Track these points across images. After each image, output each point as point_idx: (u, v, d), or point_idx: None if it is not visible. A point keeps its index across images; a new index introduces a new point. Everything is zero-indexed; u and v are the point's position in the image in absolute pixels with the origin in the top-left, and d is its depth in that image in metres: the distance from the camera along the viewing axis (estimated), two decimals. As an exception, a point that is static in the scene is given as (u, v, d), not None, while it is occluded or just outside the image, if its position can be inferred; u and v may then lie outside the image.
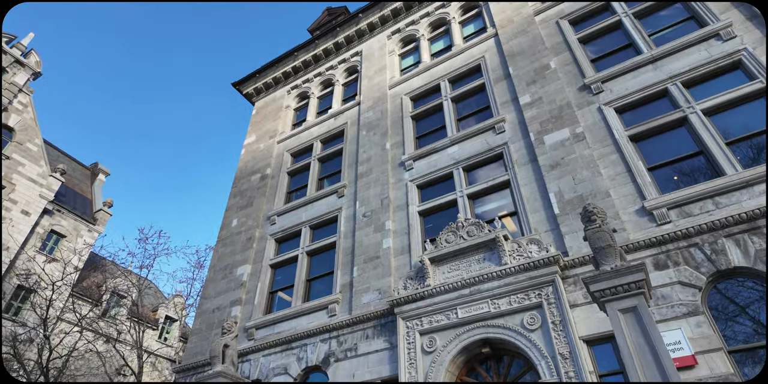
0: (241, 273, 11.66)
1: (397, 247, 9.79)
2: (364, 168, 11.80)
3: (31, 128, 23.30)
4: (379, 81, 13.99)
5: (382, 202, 10.74)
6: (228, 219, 13.56)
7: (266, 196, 13.37)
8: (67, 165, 26.75)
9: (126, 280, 22.33)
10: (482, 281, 7.92)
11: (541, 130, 9.59)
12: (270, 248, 11.91)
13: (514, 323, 7.30)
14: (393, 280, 9.28)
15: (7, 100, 22.24)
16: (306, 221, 11.73)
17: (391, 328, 8.51)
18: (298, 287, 10.53)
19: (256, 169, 14.55)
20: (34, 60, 24.54)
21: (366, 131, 12.71)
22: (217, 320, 10.94)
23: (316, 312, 9.75)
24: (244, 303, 11.02)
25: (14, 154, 21.83)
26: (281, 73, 17.04)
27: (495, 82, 11.36)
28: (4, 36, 23.16)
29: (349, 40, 16.20)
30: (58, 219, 23.01)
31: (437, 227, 9.76)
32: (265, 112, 16.64)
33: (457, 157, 10.47)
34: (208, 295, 11.77)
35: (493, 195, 9.66)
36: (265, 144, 15.22)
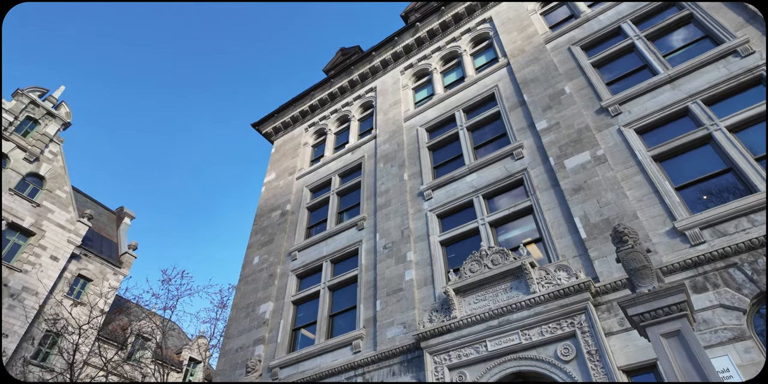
0: (263, 311, 11.79)
1: (420, 279, 9.81)
2: (382, 200, 12.07)
3: (60, 176, 24.84)
4: (394, 114, 14.58)
5: (402, 233, 10.89)
6: (250, 256, 13.89)
7: (287, 232, 13.72)
8: (93, 210, 28.12)
9: (150, 322, 22.84)
10: (511, 311, 7.82)
11: (561, 154, 9.74)
12: (292, 284, 12.07)
13: (547, 355, 7.12)
14: (417, 312, 9.23)
15: (38, 150, 23.93)
16: (327, 255, 11.92)
17: (418, 363, 8.38)
18: (320, 323, 10.55)
19: (276, 205, 15.03)
20: (65, 111, 26.56)
21: (383, 163, 13.11)
22: (241, 360, 10.96)
23: (340, 349, 9.70)
24: (268, 341, 11.06)
25: (44, 201, 23.19)
26: (298, 112, 17.95)
27: (510, 109, 11.71)
28: (36, 90, 25.30)
29: (363, 77, 17.08)
30: (85, 263, 23.90)
31: (460, 257, 9.79)
32: (283, 150, 17.39)
33: (476, 185, 10.65)
34: (231, 335, 11.87)
35: (516, 222, 9.70)
36: (284, 181, 15.81)
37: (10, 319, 19.51)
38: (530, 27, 13.18)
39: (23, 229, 21.72)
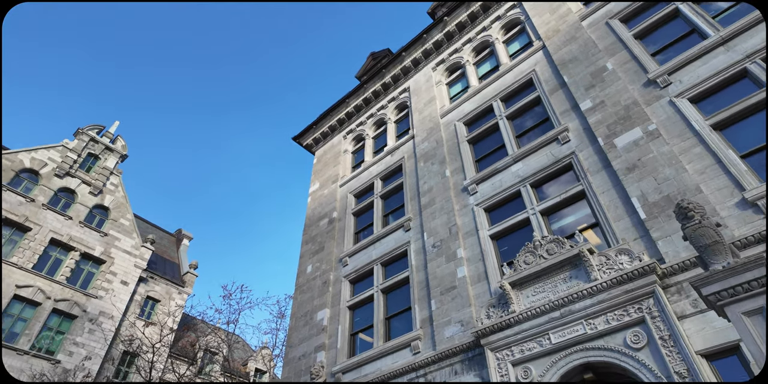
0: (321, 318, 12.24)
1: (473, 275, 9.83)
2: (426, 199, 12.22)
3: (122, 205, 27.08)
4: (429, 112, 14.74)
5: (450, 230, 10.97)
6: (303, 266, 14.48)
7: (335, 239, 14.19)
8: (154, 234, 30.36)
9: (216, 337, 24.36)
10: (572, 301, 7.69)
11: (610, 133, 9.48)
12: (345, 290, 12.46)
13: (615, 343, 6.92)
14: (474, 309, 9.26)
15: (101, 183, 26.24)
16: (376, 259, 12.21)
17: (480, 361, 8.40)
18: (377, 327, 10.81)
19: (323, 214, 15.59)
20: (121, 144, 28.98)
21: (423, 162, 13.28)
22: (304, 367, 11.44)
23: (400, 350, 9.90)
24: (328, 348, 11.47)
25: (111, 230, 25.36)
26: (336, 121, 18.56)
27: (550, 93, 11.53)
28: (95, 127, 27.80)
29: (395, 78, 17.41)
30: (152, 285, 25.92)
31: (513, 249, 9.73)
32: (325, 160, 18.02)
33: (523, 174, 10.56)
34: (293, 344, 12.42)
35: (569, 208, 9.52)
36: (328, 189, 16.37)
37: (91, 342, 21.48)
38: (562, 6, 12.94)
39: (95, 258, 23.85)
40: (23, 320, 20.26)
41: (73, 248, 23.17)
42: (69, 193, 24.79)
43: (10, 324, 19.80)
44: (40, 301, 20.85)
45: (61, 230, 23.07)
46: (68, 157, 25.19)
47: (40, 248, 21.87)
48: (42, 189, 23.46)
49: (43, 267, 21.85)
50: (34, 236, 21.98)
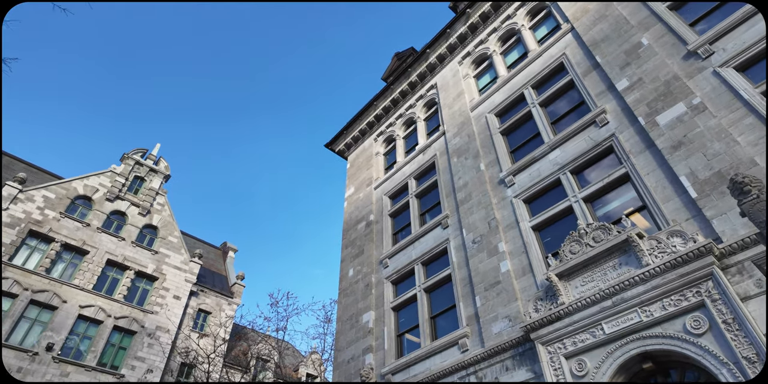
0: (366, 320, 12.47)
1: (517, 269, 9.74)
2: (462, 194, 12.23)
3: (169, 223, 28.62)
4: (459, 106, 14.75)
5: (489, 224, 10.93)
6: (344, 270, 14.80)
7: (374, 242, 14.42)
8: (201, 249, 31.85)
9: (267, 345, 25.44)
10: (624, 288, 7.49)
11: (651, 111, 9.19)
12: (388, 291, 12.64)
13: (674, 330, 6.68)
14: (521, 304, 9.17)
15: (148, 204, 27.87)
16: (417, 258, 12.32)
17: (531, 356, 8.31)
18: (423, 326, 10.89)
19: (360, 218, 15.89)
20: (164, 165, 30.69)
21: (456, 158, 13.30)
22: (354, 370, 11.68)
23: (448, 349, 9.93)
24: (376, 350, 11.66)
25: (161, 248, 26.87)
26: (365, 124, 18.90)
27: (583, 75, 11.30)
28: (138, 151, 29.60)
29: (421, 76, 17.55)
30: (203, 298, 27.28)
31: (557, 240, 9.57)
32: (358, 164, 18.37)
33: (561, 162, 10.39)
34: (341, 347, 12.71)
35: (613, 193, 9.27)
36: (363, 193, 16.68)
37: (151, 355, 22.81)
38: (588, -16, 12.65)
39: (148, 276, 25.34)
40: (88, 338, 21.79)
41: (128, 267, 24.70)
42: (120, 215, 26.50)
43: (77, 342, 21.34)
44: (102, 320, 22.34)
45: (115, 251, 24.68)
46: (117, 181, 26.97)
47: (98, 269, 23.48)
48: (95, 213, 25.21)
49: (102, 287, 23.42)
50: (92, 258, 23.63)
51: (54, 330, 20.73)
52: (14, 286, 20.53)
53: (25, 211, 22.52)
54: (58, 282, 21.78)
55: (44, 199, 23.53)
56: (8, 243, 21.23)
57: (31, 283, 21.00)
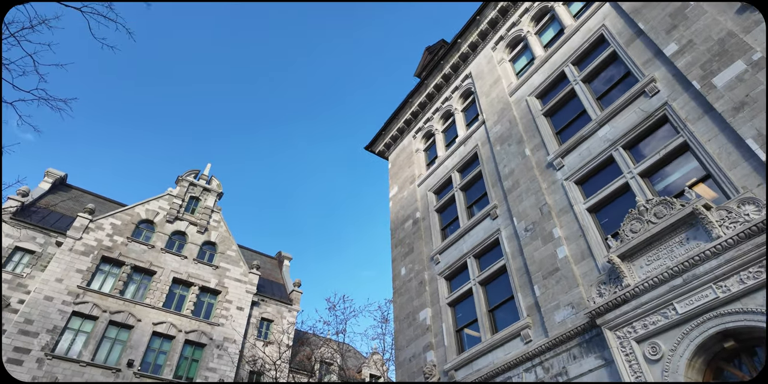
0: (423, 318, 12.53)
1: (575, 254, 9.46)
2: (509, 182, 12.03)
3: (227, 239, 30.14)
4: (497, 93, 14.55)
5: (541, 210, 10.68)
6: (396, 269, 14.95)
7: (423, 239, 14.47)
8: (258, 260, 33.29)
9: (328, 348, 26.35)
10: (695, 264, 7.10)
11: (705, 73, 8.67)
12: (442, 287, 12.63)
13: (756, 304, 6.24)
14: (583, 289, 8.89)
15: (205, 221, 29.51)
16: (468, 252, 12.24)
17: (599, 342, 8.03)
18: (482, 320, 10.80)
19: (406, 216, 16.01)
20: (216, 183, 32.39)
21: (499, 145, 13.11)
22: (416, 368, 11.76)
23: (510, 341, 9.79)
24: (436, 346, 11.69)
25: (221, 262, 28.35)
26: (403, 122, 19.04)
27: (626, 45, 10.85)
28: (191, 173, 31.42)
29: (455, 67, 17.47)
30: (264, 307, 28.56)
31: (615, 220, 9.22)
32: (399, 163, 18.53)
33: (612, 137, 10.01)
34: (401, 346, 12.84)
35: (672, 165, 8.82)
36: (407, 191, 16.79)
37: (222, 366, 24.09)
38: (621, -52, 12.12)
39: (211, 290, 26.81)
40: (163, 353, 23.34)
41: (192, 284, 26.27)
42: (181, 235, 28.27)
43: (154, 357, 22.93)
44: (174, 335, 23.87)
45: (180, 269, 26.33)
46: (174, 203, 28.82)
47: (165, 288, 25.15)
48: (158, 235, 27.06)
49: (171, 304, 25.05)
50: (160, 278, 25.35)
51: (132, 347, 22.39)
52: (94, 309, 22.42)
53: (97, 239, 24.56)
54: (131, 302, 23.54)
55: (112, 226, 25.57)
56: (84, 270, 23.25)
57: (108, 306, 22.84)
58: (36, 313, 20.91)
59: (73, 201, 28.11)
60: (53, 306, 21.45)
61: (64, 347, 20.98)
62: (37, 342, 20.27)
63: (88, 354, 21.14)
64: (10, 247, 22.33)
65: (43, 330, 20.67)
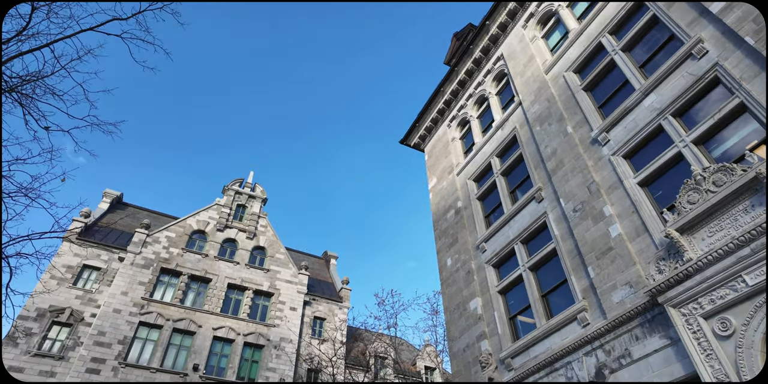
0: (474, 307, 12.43)
1: (629, 231, 9.08)
2: (553, 163, 11.71)
3: (275, 242, 31.13)
4: (532, 72, 14.18)
5: (589, 189, 10.33)
6: (442, 261, 14.90)
7: (467, 228, 14.33)
8: (306, 261, 34.15)
9: (381, 343, 26.88)
10: (764, 232, 6.65)
11: (758, 27, 8.08)
12: (491, 275, 12.47)
13: (837, 269, 5.76)
14: (641, 267, 8.52)
15: (253, 227, 30.60)
16: (515, 238, 12.02)
17: (662, 321, 7.68)
18: (535, 306, 10.58)
19: (447, 206, 15.90)
20: (260, 190, 33.52)
21: (539, 126, 12.77)
22: (471, 358, 11.69)
23: (566, 326, 9.54)
24: (490, 335, 11.56)
25: (271, 266, 29.32)
26: (436, 112, 18.91)
27: (667, 7, 10.29)
28: (236, 182, 32.61)
29: (485, 50, 17.16)
30: (315, 306, 29.38)
31: (670, 192, 8.78)
32: (435, 154, 18.43)
33: (659, 106, 9.54)
34: (453, 337, 12.79)
35: (728, 129, 8.30)
36: (446, 181, 16.67)
37: (280, 365, 24.96)
38: None
39: (264, 293, 27.80)
40: (225, 356, 24.45)
41: (246, 288, 27.32)
42: (231, 242, 29.49)
43: (217, 360, 24.08)
44: (233, 338, 24.94)
45: (233, 275, 27.46)
46: (223, 212, 30.10)
47: (222, 294, 26.33)
48: (211, 244, 28.34)
49: (228, 309, 26.20)
50: (215, 284, 26.57)
51: (196, 352, 23.60)
52: (158, 318, 23.81)
53: (155, 252, 26.07)
54: (191, 310, 24.80)
55: (167, 238, 27.03)
56: (146, 282, 24.77)
57: (170, 314, 24.18)
58: (107, 325, 22.46)
59: (131, 218, 29.96)
60: (122, 318, 22.96)
61: (135, 355, 22.43)
62: (111, 352, 21.77)
63: (156, 361, 22.48)
64: (78, 266, 24.16)
65: (115, 340, 22.18)
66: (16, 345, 20.67)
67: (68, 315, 22.40)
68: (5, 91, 8.79)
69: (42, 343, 21.36)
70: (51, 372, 20.75)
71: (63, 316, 22.31)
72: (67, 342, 21.83)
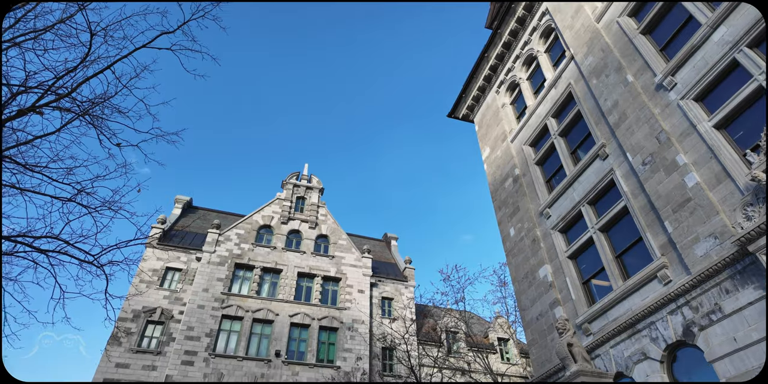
0: (543, 275, 12.12)
1: (708, 178, 8.40)
2: (615, 116, 11.02)
3: (336, 230, 32.05)
4: (582, 22, 13.32)
5: (658, 139, 9.64)
6: (504, 231, 14.60)
7: (528, 195, 13.90)
8: (367, 244, 34.87)
9: (451, 318, 27.19)
10: None
11: None
12: (558, 241, 12.07)
13: None
14: (725, 216, 7.88)
15: (314, 217, 31.67)
16: (581, 200, 11.51)
17: (755, 271, 7.10)
18: (609, 268, 10.14)
19: (505, 175, 15.49)
20: (316, 180, 34.55)
21: (596, 79, 12.03)
22: (546, 326, 11.47)
23: (646, 285, 9.08)
24: (563, 301, 11.26)
25: (335, 252, 30.29)
26: (483, 80, 18.33)
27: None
28: (292, 175, 33.72)
29: (528, 7, 16.32)
30: (382, 287, 30.12)
31: (752, 132, 8.02)
32: (486, 123, 17.93)
33: (731, 39, 8.66)
34: (525, 306, 12.59)
35: (819, 51, 7.35)
36: (501, 150, 16.20)
37: (356, 345, 25.95)
38: None
39: (332, 278, 28.84)
40: (303, 341, 25.74)
41: (315, 275, 28.50)
42: (296, 233, 30.77)
43: (296, 345, 25.43)
44: (309, 323, 26.16)
45: (301, 264, 28.72)
46: (284, 205, 31.42)
47: (293, 282, 27.65)
48: (277, 237, 29.73)
49: (300, 296, 27.49)
50: (286, 274, 27.93)
51: (276, 339, 25.02)
52: (238, 310, 25.47)
53: (228, 250, 27.80)
54: (267, 300, 26.27)
55: (237, 235, 28.70)
56: (224, 277, 26.54)
57: (249, 306, 25.77)
58: (194, 320, 24.36)
59: (202, 220, 32.07)
60: (206, 312, 24.80)
61: (222, 346, 24.19)
62: (201, 344, 23.63)
63: (242, 349, 24.12)
64: (162, 268, 26.39)
65: (203, 334, 24.03)
66: (120, 344, 22.95)
67: (159, 314, 24.54)
68: (80, 115, 9.50)
69: (141, 341, 23.59)
70: (152, 366, 22.88)
71: (155, 315, 24.47)
72: (162, 338, 23.95)
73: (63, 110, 9.41)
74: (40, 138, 9.38)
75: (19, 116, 8.91)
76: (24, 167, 9.30)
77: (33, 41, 9.22)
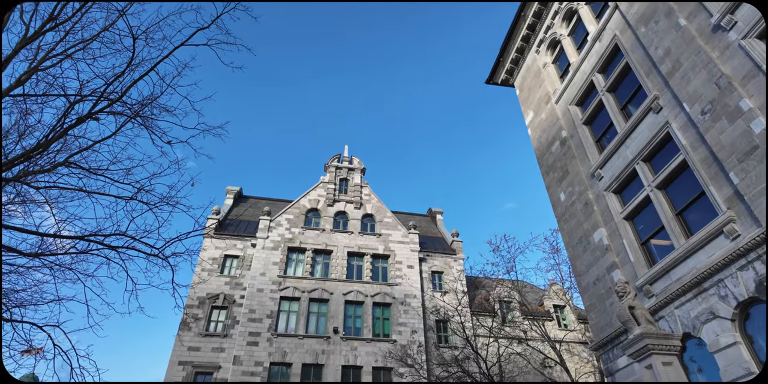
0: (598, 238, 11.73)
1: (779, 121, 7.72)
2: (668, 65, 10.27)
3: (381, 208, 32.34)
4: (624, -33, 12.36)
5: (718, 85, 8.93)
6: (554, 196, 14.17)
7: (577, 158, 13.36)
8: (413, 220, 35.01)
9: (503, 287, 27.25)
10: None
11: None
12: (613, 202, 11.59)
13: None
14: (800, 162, 7.25)
15: (358, 197, 32.07)
16: (635, 157, 10.93)
17: (838, 218, 6.52)
18: (670, 226, 9.65)
19: (551, 139, 14.92)
20: (357, 161, 34.84)
21: (644, 27, 11.21)
22: (604, 290, 11.17)
23: (711, 242, 8.59)
24: (621, 264, 10.89)
25: (382, 230, 30.66)
26: (520, 41, 17.53)
27: None
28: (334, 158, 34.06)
29: (563, -42, 15.31)
30: (431, 262, 30.28)
31: (829, 65, 7.21)
32: (527, 86, 17.23)
33: (800, -36, 7.74)
34: (581, 272, 12.28)
35: None
36: (545, 113, 15.57)
37: (410, 319, 26.48)
38: None
39: (381, 256, 29.31)
40: (359, 317, 26.50)
41: (364, 253, 29.05)
42: (342, 214, 31.38)
43: (353, 322, 26.23)
44: (362, 300, 26.85)
45: (350, 244, 29.35)
46: (329, 188, 32.06)
47: (343, 262, 28.37)
48: (325, 219, 30.45)
49: (352, 274, 28.21)
50: (336, 255, 28.67)
51: (333, 317, 25.92)
52: (295, 291, 26.51)
53: (280, 234, 28.86)
54: (321, 280, 27.15)
55: (287, 221, 29.66)
56: (279, 261, 27.67)
57: (304, 286, 26.75)
58: (255, 303, 25.63)
59: (253, 208, 33.32)
60: (265, 295, 26.01)
61: (283, 326, 25.39)
62: (263, 325, 24.91)
63: (301, 328, 25.21)
64: (221, 257, 27.91)
65: (264, 315, 25.28)
66: (190, 329, 24.61)
67: (222, 299, 26.02)
68: (132, 118, 9.95)
69: (208, 325, 25.18)
70: (220, 348, 24.41)
71: (218, 300, 25.97)
72: (227, 322, 25.45)
73: (116, 114, 9.91)
74: (99, 142, 9.95)
75: (79, 124, 9.44)
76: (88, 171, 9.92)
77: (83, 51, 9.68)
